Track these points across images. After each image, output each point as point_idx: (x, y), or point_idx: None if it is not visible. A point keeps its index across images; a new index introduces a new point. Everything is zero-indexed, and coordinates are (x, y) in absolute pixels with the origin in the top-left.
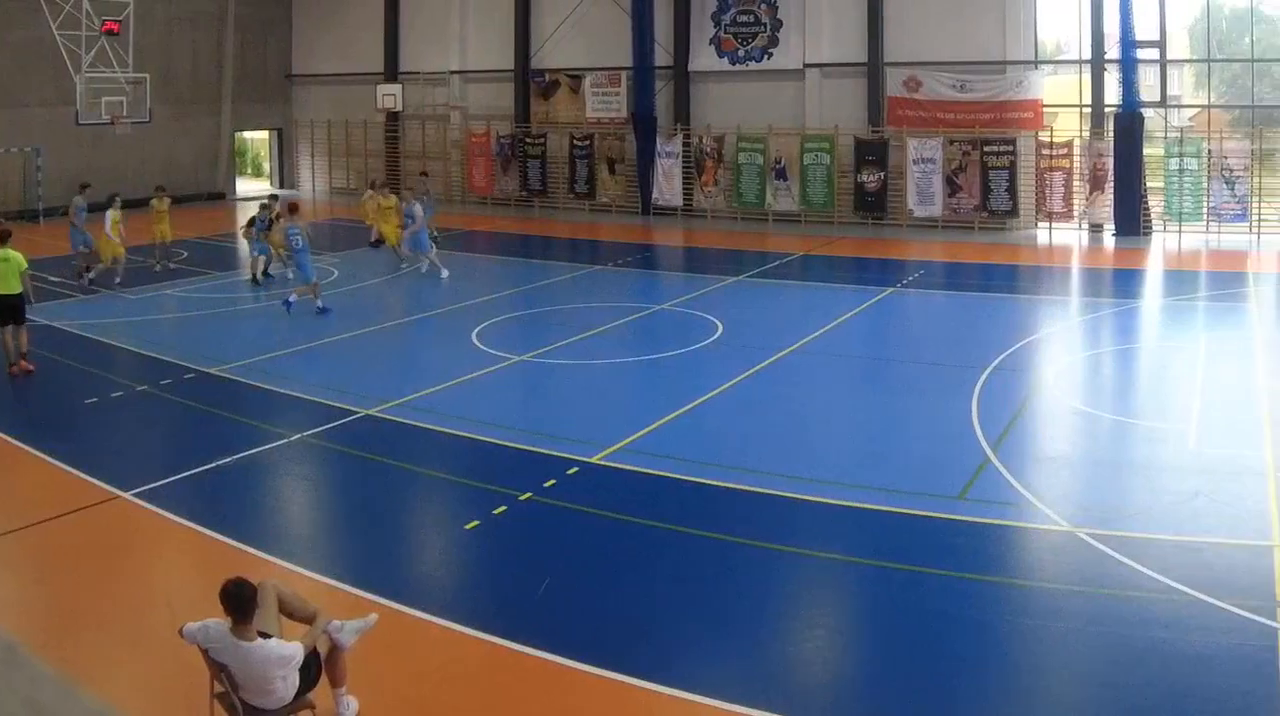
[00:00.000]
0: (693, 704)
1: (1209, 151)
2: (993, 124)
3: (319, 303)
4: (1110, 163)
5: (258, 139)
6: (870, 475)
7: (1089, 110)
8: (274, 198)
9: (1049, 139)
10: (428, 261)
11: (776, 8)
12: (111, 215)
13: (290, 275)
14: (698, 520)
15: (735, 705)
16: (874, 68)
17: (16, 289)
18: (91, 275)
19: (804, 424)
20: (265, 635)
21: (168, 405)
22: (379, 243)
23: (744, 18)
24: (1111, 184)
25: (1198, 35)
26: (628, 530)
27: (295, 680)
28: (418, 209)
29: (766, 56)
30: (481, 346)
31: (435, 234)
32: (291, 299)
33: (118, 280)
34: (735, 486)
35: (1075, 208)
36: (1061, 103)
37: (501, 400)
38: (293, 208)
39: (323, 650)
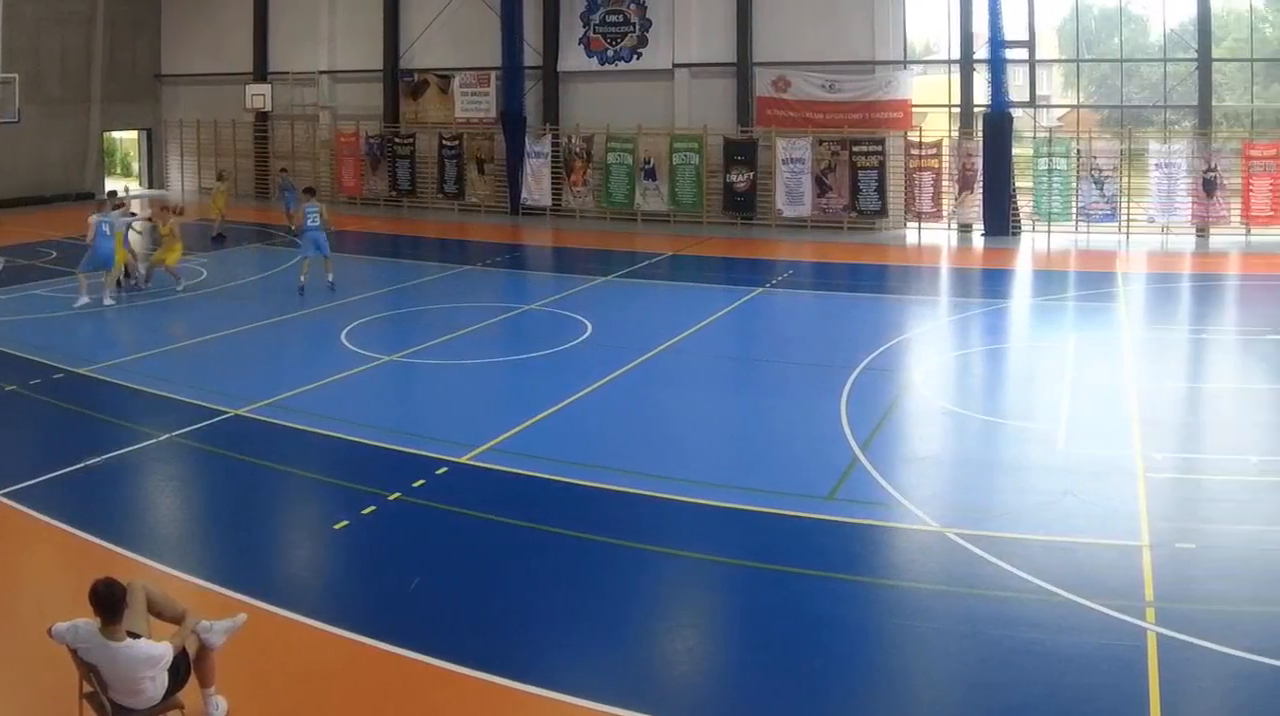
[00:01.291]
0: (561, 703)
1: (1078, 151)
2: (862, 124)
3: (303, 279)
4: (979, 163)
5: (127, 139)
6: (739, 475)
7: (958, 110)
8: (113, 194)
9: (918, 139)
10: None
11: (645, 8)
12: None
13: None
14: (567, 520)
15: (604, 705)
16: (743, 68)
17: None
18: None
19: (673, 424)
20: (135, 635)
21: (36, 405)
22: (222, 236)
23: (613, 18)
24: (980, 184)
25: (1067, 35)
26: (497, 530)
27: (164, 680)
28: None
29: (635, 56)
30: (350, 346)
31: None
32: (329, 279)
33: None
34: (604, 486)
35: (944, 208)
36: (930, 103)
37: (370, 400)
38: (309, 190)
39: (191, 650)
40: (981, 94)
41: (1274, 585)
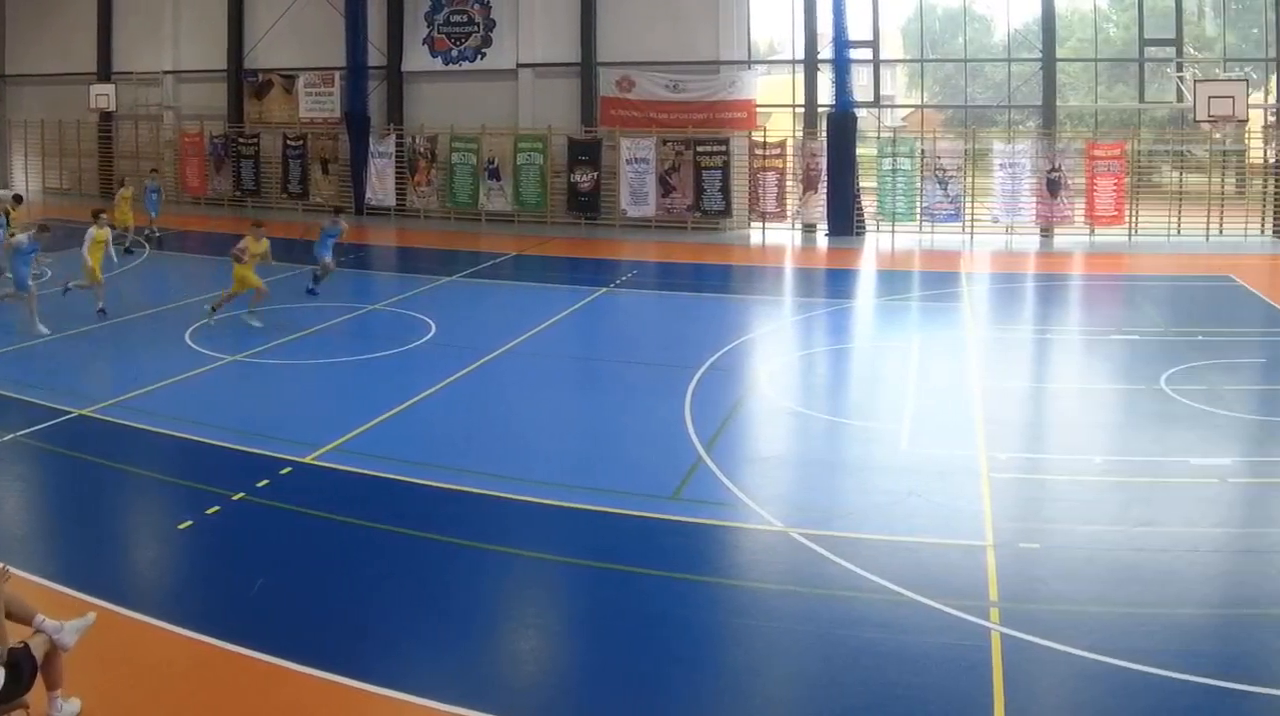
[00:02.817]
0: (405, 703)
1: (922, 151)
2: (706, 124)
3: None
4: (823, 163)
5: None
6: (583, 475)
7: (802, 110)
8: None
9: (762, 139)
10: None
11: (490, 8)
12: None
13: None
14: (411, 520)
15: (447, 705)
16: (587, 68)
17: None
18: None
19: (518, 424)
20: None
21: None
22: (131, 250)
23: (457, 18)
24: (825, 184)
25: (911, 35)
26: (340, 530)
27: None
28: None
29: (480, 56)
30: (195, 346)
31: (157, 233)
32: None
33: None
34: (449, 486)
35: (788, 207)
36: (775, 103)
37: (215, 400)
38: (337, 210)
39: (41, 652)
40: (826, 94)
41: (1117, 585)
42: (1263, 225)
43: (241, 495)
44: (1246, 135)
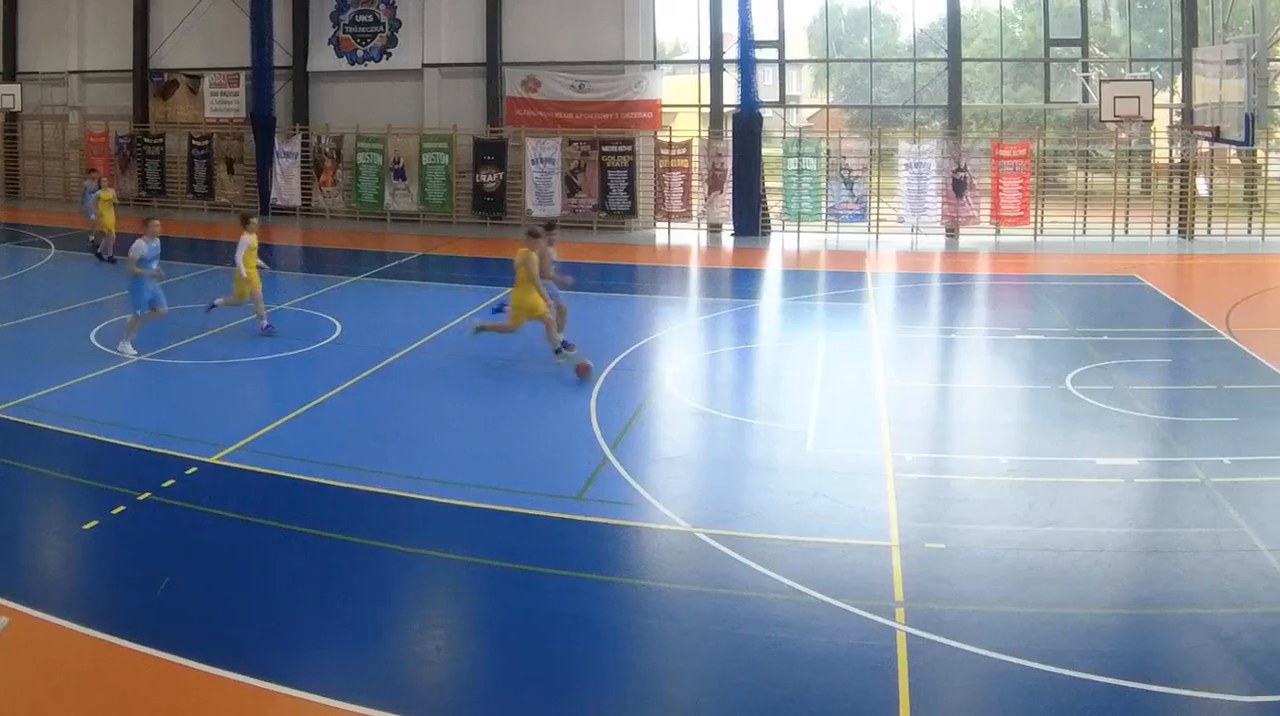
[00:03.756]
0: (311, 704)
1: (828, 151)
2: (612, 124)
3: None
4: (729, 163)
5: None
6: (489, 475)
7: (708, 110)
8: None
9: (668, 139)
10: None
11: (395, 8)
12: None
13: None
14: (316, 520)
15: (354, 705)
16: (493, 68)
17: None
18: None
19: (424, 423)
20: None
21: None
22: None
23: (363, 18)
24: (730, 184)
25: (816, 35)
26: (246, 530)
27: None
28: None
29: (385, 56)
30: (100, 346)
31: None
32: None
33: None
34: (355, 486)
35: (694, 207)
36: (680, 103)
37: (120, 400)
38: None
39: None
40: (731, 94)
41: (1022, 585)
42: (1168, 225)
43: (147, 495)
44: (1152, 135)
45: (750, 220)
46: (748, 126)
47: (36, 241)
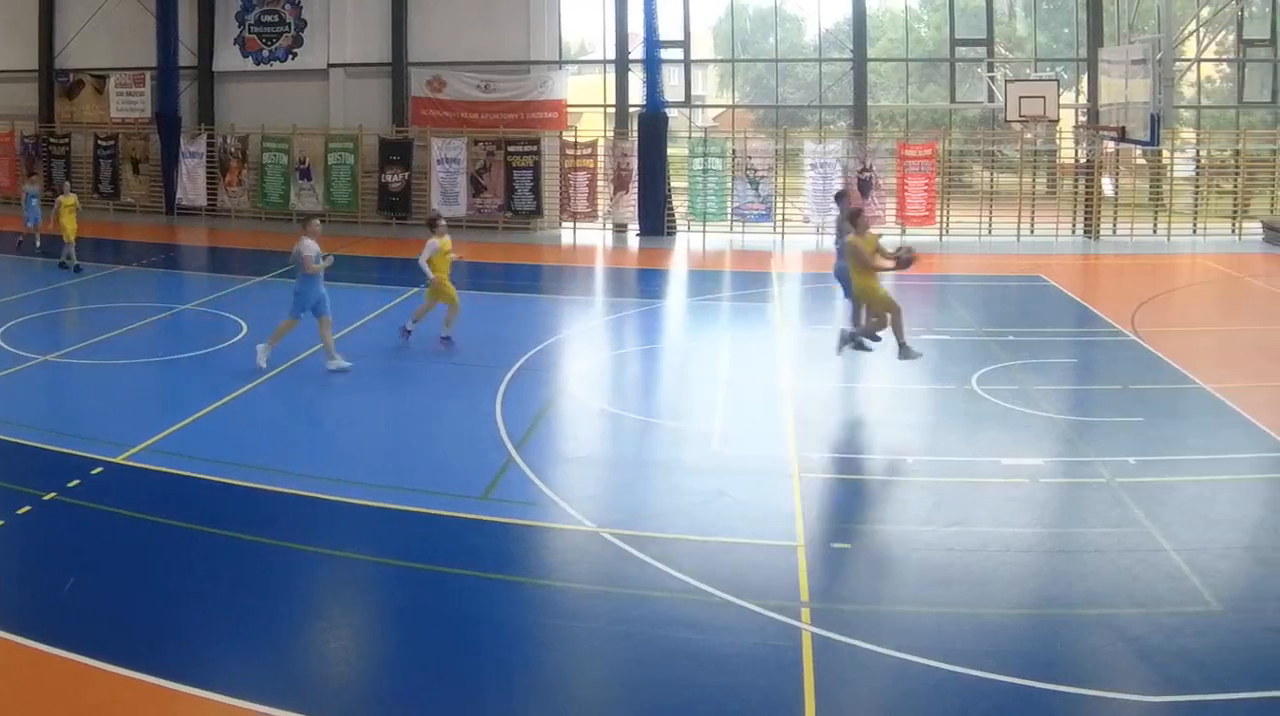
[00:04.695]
0: (217, 703)
1: (733, 151)
2: (517, 124)
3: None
4: (634, 163)
5: None
6: (394, 475)
7: (613, 110)
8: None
9: (573, 139)
10: None
11: (301, 8)
12: None
13: None
14: (222, 520)
15: (259, 705)
16: (398, 68)
17: None
18: None
19: (328, 424)
20: None
21: None
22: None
23: (268, 18)
24: (636, 184)
25: (722, 35)
26: (153, 530)
27: None
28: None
29: (291, 56)
30: (4, 346)
31: (37, 241)
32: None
33: None
34: (260, 486)
35: (600, 208)
36: (586, 103)
37: (25, 400)
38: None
39: None
40: (637, 94)
41: (928, 585)
42: (1073, 225)
43: (53, 495)
44: (1057, 135)
45: (656, 220)
46: (653, 126)
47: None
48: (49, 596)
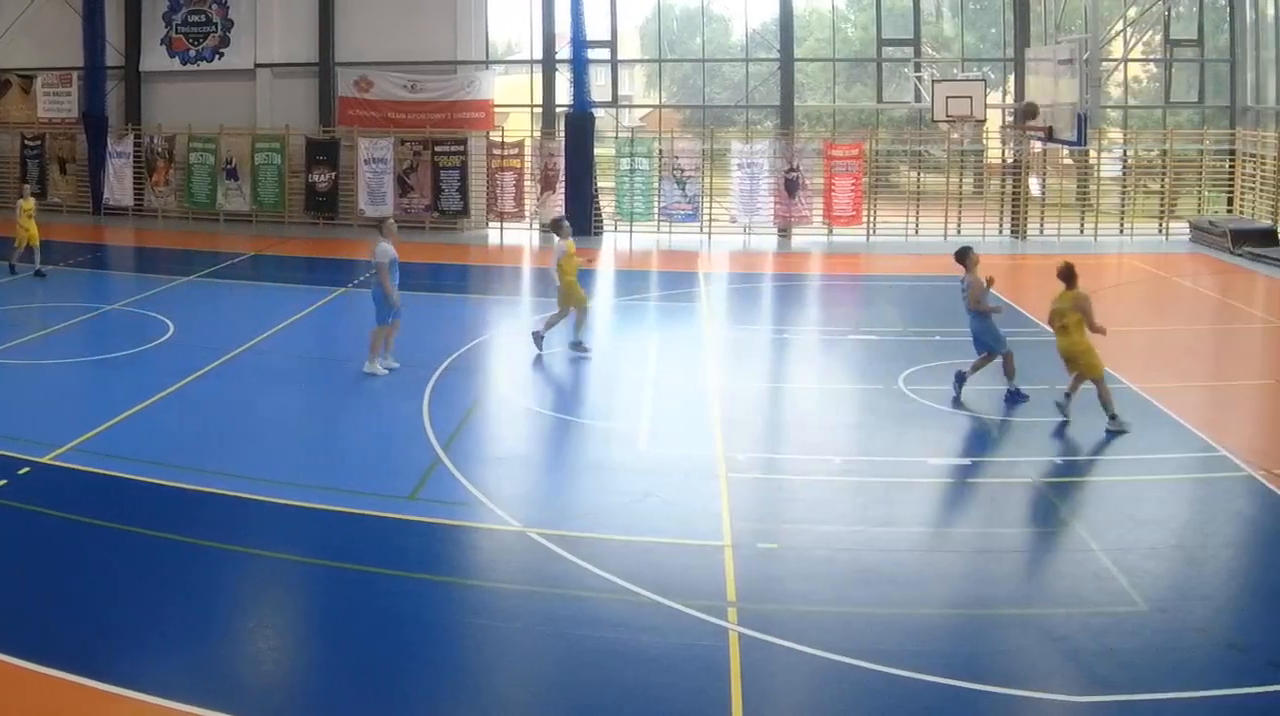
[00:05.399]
0: (143, 703)
1: (660, 151)
2: (444, 124)
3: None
4: (561, 163)
5: None
6: (322, 475)
7: (540, 110)
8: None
9: (500, 139)
10: None
11: (228, 8)
12: None
13: None
14: (150, 520)
15: (185, 705)
16: (325, 68)
17: None
18: None
19: (256, 424)
20: None
21: None
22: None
23: (195, 18)
24: (563, 184)
25: (649, 36)
26: (80, 530)
27: None
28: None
29: (218, 56)
30: None
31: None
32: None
33: None
34: (188, 486)
35: (527, 207)
36: (513, 103)
37: None
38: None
39: None
40: (564, 94)
41: (854, 585)
42: (1000, 225)
43: None
44: (984, 135)
45: (583, 220)
46: (580, 126)
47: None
48: None
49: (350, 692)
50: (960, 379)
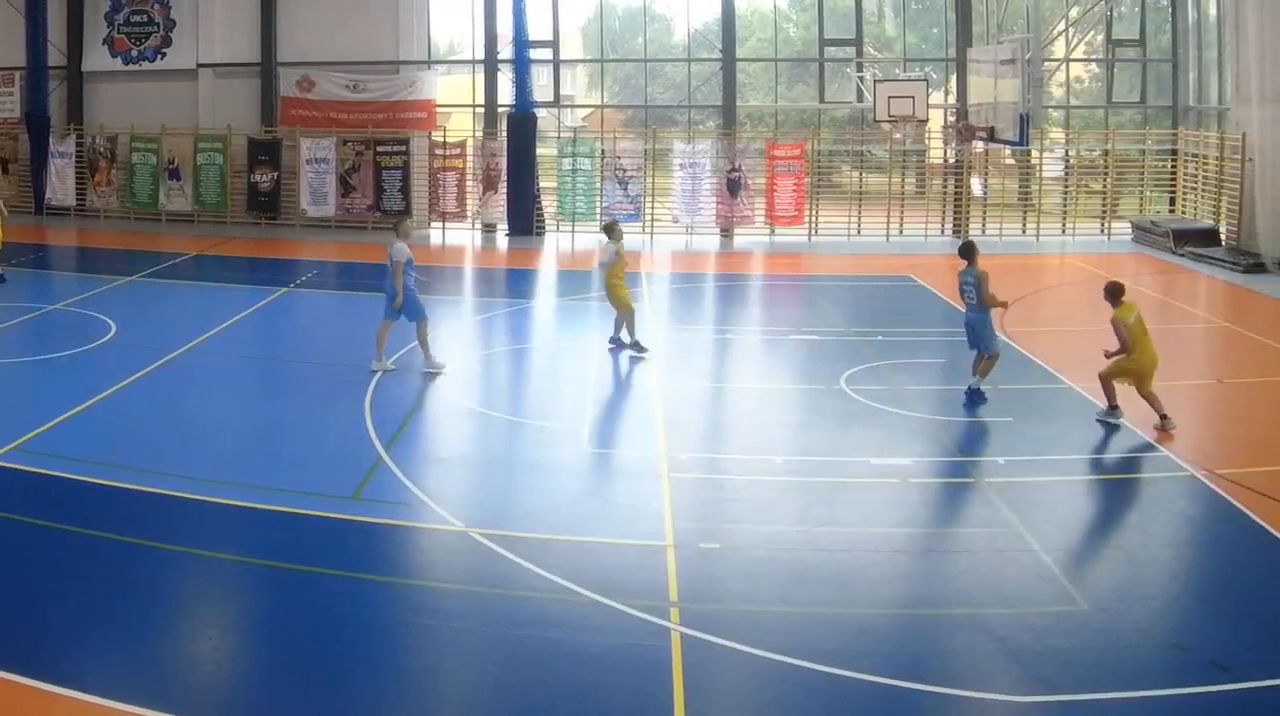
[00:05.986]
0: (85, 704)
1: (602, 151)
2: (386, 124)
3: None
4: (504, 163)
5: None
6: (263, 475)
7: (482, 110)
8: None
9: (442, 139)
10: None
11: (169, 7)
12: None
13: None
14: (91, 520)
15: (128, 705)
16: (267, 68)
17: None
18: None
19: (198, 423)
20: None
21: None
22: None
23: (137, 17)
24: (505, 184)
25: (591, 35)
26: (21, 530)
27: None
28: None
29: (160, 56)
30: None
31: None
32: None
33: None
34: (129, 486)
35: (469, 208)
36: (455, 103)
37: None
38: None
39: None
40: (506, 94)
41: (797, 585)
42: (942, 225)
43: None
44: (926, 135)
45: (525, 220)
46: (522, 126)
47: None
48: None
49: (293, 692)
50: (972, 393)
